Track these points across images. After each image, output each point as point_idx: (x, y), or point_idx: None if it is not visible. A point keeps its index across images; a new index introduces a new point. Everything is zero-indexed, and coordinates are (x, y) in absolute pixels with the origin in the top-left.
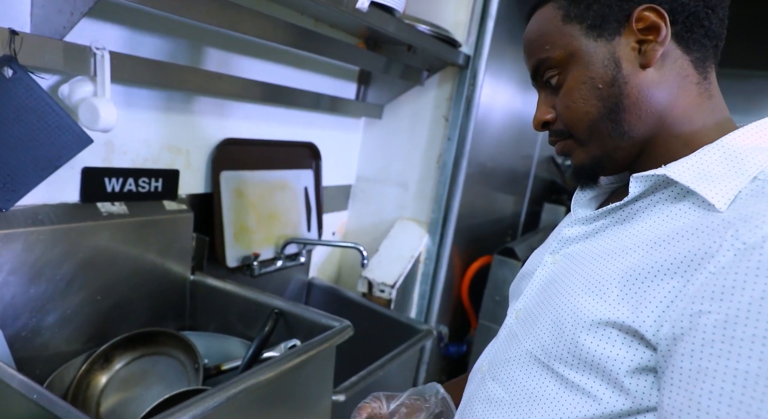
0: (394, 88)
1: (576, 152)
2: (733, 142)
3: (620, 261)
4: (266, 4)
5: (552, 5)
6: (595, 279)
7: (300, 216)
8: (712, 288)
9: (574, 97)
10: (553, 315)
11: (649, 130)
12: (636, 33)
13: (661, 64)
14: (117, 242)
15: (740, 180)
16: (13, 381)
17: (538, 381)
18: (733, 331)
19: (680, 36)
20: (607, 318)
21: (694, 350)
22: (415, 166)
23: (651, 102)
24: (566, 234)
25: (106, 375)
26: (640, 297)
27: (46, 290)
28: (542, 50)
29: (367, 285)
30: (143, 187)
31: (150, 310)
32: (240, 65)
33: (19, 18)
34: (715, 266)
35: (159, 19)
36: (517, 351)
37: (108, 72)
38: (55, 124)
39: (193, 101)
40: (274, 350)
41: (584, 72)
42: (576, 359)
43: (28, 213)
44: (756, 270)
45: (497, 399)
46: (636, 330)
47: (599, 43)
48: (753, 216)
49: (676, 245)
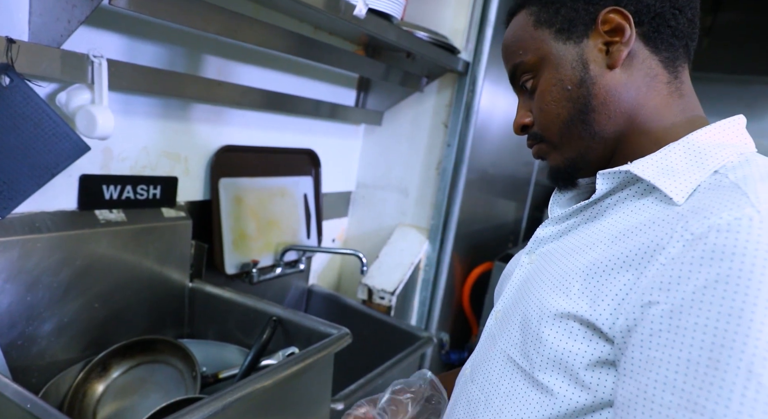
0: (394, 95)
1: (551, 155)
2: (698, 139)
3: (584, 257)
4: (265, 11)
5: (525, 11)
6: (560, 276)
7: (299, 223)
8: (661, 279)
9: (546, 100)
10: (523, 313)
11: (619, 129)
12: (602, 35)
13: (628, 65)
14: (115, 249)
15: (701, 174)
16: (6, 390)
17: (509, 380)
18: (678, 320)
19: (648, 36)
20: (568, 312)
21: (643, 340)
22: (415, 172)
23: (619, 101)
24: (540, 234)
25: (103, 383)
26: (598, 291)
27: (43, 298)
28: (517, 55)
29: (366, 292)
30: (141, 194)
31: (148, 318)
32: (239, 72)
33: (17, 26)
34: (665, 257)
35: (157, 27)
36: (494, 351)
37: (105, 80)
38: (53, 131)
39: (192, 108)
40: (273, 358)
41: (555, 74)
42: (540, 355)
43: (26, 220)
44: (700, 259)
45: (475, 400)
46: (593, 323)
47: (568, 46)
48: (704, 208)
49: (633, 239)
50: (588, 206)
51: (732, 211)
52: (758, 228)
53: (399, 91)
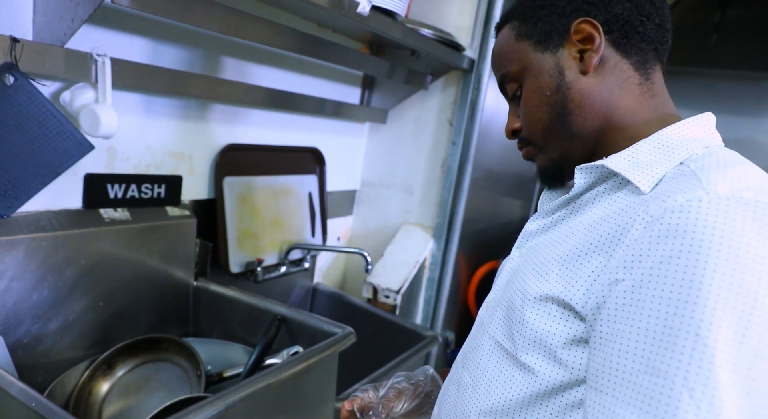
0: (398, 93)
1: (538, 156)
2: (667, 134)
3: (563, 245)
4: (268, 9)
5: (508, 26)
6: (542, 264)
7: (304, 221)
8: (625, 258)
9: (528, 105)
10: (509, 300)
11: (596, 128)
12: (575, 44)
13: (601, 69)
14: (120, 248)
15: (667, 165)
16: (12, 389)
17: (496, 363)
18: (639, 294)
19: (617, 42)
20: (547, 294)
21: (609, 315)
22: (420, 170)
23: (594, 103)
24: (529, 228)
25: (109, 382)
26: (573, 274)
27: (49, 296)
28: (503, 66)
29: (371, 290)
30: (146, 192)
31: (153, 317)
32: (243, 71)
33: (21, 25)
34: (630, 239)
35: (159, 25)
36: (483, 338)
37: (109, 78)
38: (57, 130)
39: (196, 107)
40: (277, 357)
41: (535, 82)
42: (522, 337)
43: (31, 219)
44: (657, 238)
45: (464, 384)
46: (569, 303)
47: (546, 55)
48: (663, 193)
49: (605, 226)
50: (570, 200)
51: (685, 194)
52: (707, 207)
53: (403, 88)
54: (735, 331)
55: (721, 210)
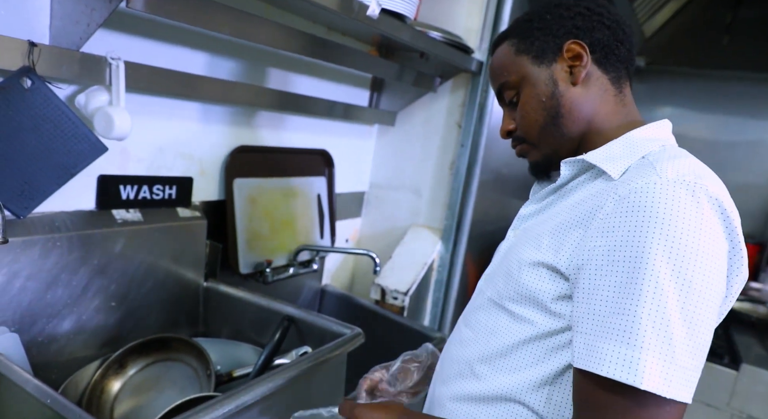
0: (407, 95)
1: (531, 153)
2: (633, 136)
3: (552, 221)
4: (279, 12)
5: (507, 43)
6: (535, 236)
7: (313, 223)
8: (601, 228)
9: (527, 109)
10: (507, 268)
11: (580, 130)
12: (567, 60)
13: (586, 82)
14: (131, 249)
15: (632, 158)
16: (27, 386)
17: (495, 319)
18: (613, 256)
19: (599, 61)
20: (539, 260)
21: (590, 273)
22: (428, 172)
23: (580, 110)
24: (523, 212)
25: (120, 380)
26: (560, 244)
27: (62, 296)
28: (502, 76)
29: (380, 292)
30: (157, 194)
31: (163, 316)
32: (253, 74)
33: (38, 30)
34: (603, 213)
35: (172, 29)
36: (482, 300)
37: (123, 81)
38: (72, 132)
39: (207, 109)
40: (286, 357)
41: (533, 90)
42: (519, 295)
43: (46, 220)
44: (625, 212)
45: (466, 339)
46: (556, 267)
47: (542, 68)
48: (628, 179)
49: (584, 205)
50: (558, 188)
51: (644, 179)
52: (659, 188)
53: (412, 91)
54: (677, 278)
55: (669, 189)
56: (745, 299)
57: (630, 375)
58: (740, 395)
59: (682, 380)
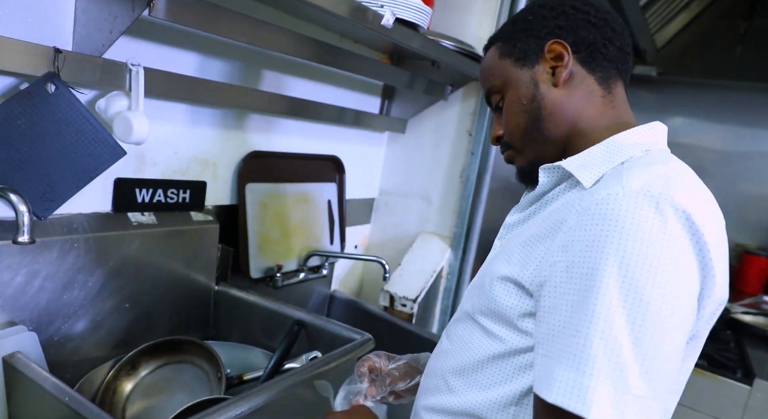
0: (418, 103)
1: (517, 158)
2: (616, 140)
3: (525, 234)
4: (293, 20)
5: (494, 47)
6: (510, 249)
7: (323, 228)
8: (562, 243)
9: (509, 113)
10: (481, 280)
11: (565, 134)
12: (548, 61)
13: (569, 83)
14: (146, 251)
15: (609, 165)
16: (46, 383)
17: (469, 332)
18: (571, 273)
19: (584, 61)
20: (507, 275)
21: (550, 291)
22: (438, 180)
23: (563, 112)
24: (508, 221)
25: (132, 381)
26: (528, 258)
27: (78, 296)
28: (488, 81)
29: (388, 298)
30: (172, 197)
31: (175, 319)
32: (266, 80)
33: (63, 36)
34: (567, 226)
35: (188, 36)
36: (461, 312)
37: (142, 87)
38: (92, 137)
39: (221, 115)
40: (296, 361)
41: (515, 93)
42: (489, 310)
43: (64, 221)
44: (585, 224)
45: (444, 351)
46: (521, 283)
47: (524, 71)
48: (595, 189)
49: (553, 216)
50: (539, 197)
51: (607, 189)
52: (621, 199)
53: (423, 99)
54: (631, 298)
55: (630, 201)
56: (759, 313)
57: (578, 404)
58: (754, 410)
59: (636, 410)
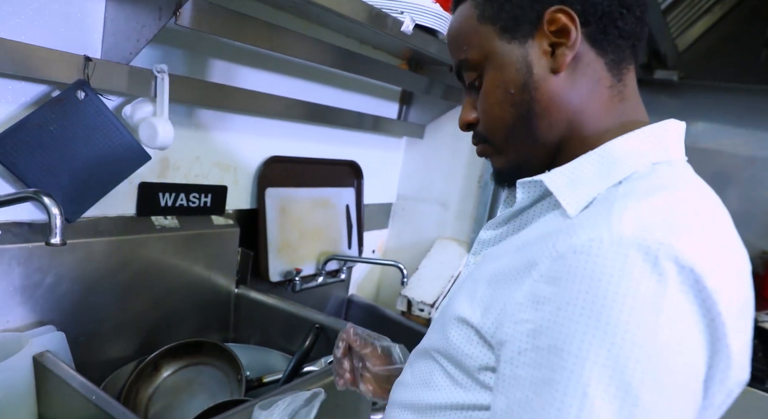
0: (436, 108)
1: (495, 158)
2: (614, 147)
3: (493, 265)
4: (313, 27)
5: (470, 2)
6: (475, 280)
7: (341, 233)
8: (530, 295)
9: (490, 102)
10: (443, 313)
11: (559, 135)
12: (548, 36)
13: (573, 68)
14: (168, 254)
15: (602, 185)
16: (73, 382)
17: (429, 369)
18: (538, 341)
19: (594, 38)
20: (465, 317)
21: (512, 357)
22: (456, 185)
23: (562, 108)
24: (482, 236)
25: (154, 382)
26: (491, 300)
27: (103, 298)
28: (461, 50)
29: (406, 303)
30: (193, 201)
31: (196, 321)
32: (287, 86)
33: (92, 45)
34: (537, 273)
35: (211, 43)
36: (423, 343)
37: (167, 93)
38: (119, 142)
39: (242, 120)
40: (315, 364)
41: (498, 75)
42: (447, 354)
43: (91, 225)
44: (558, 280)
45: (405, 382)
46: (481, 332)
47: (513, 45)
48: (576, 225)
49: (526, 252)
50: (515, 215)
51: (590, 231)
52: (606, 250)
53: (441, 104)
54: (615, 389)
55: (617, 256)
56: None
57: None
58: None
59: None
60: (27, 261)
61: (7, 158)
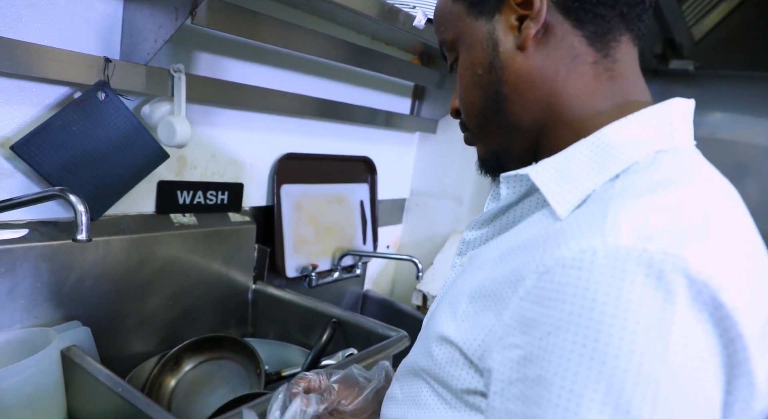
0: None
1: (476, 145)
2: (609, 134)
3: (476, 276)
4: (325, 24)
5: None
6: (457, 293)
7: (356, 229)
8: (519, 319)
9: (461, 86)
10: (428, 326)
11: (537, 119)
12: (514, 9)
13: (544, 44)
14: (187, 251)
15: (596, 180)
16: (100, 375)
17: (417, 387)
18: (529, 370)
19: (567, 7)
20: (448, 336)
21: (503, 389)
22: (470, 180)
23: (533, 89)
24: (466, 237)
25: (176, 376)
26: (476, 318)
27: (126, 294)
28: (439, 32)
29: (421, 298)
30: (211, 199)
31: (215, 317)
32: (300, 83)
33: (111, 46)
34: (523, 290)
35: (225, 42)
36: (410, 357)
37: (184, 92)
38: (139, 141)
39: (257, 118)
40: (332, 358)
41: (468, 56)
42: (432, 373)
43: (112, 222)
44: (547, 300)
45: (394, 397)
46: (467, 354)
47: (480, 22)
48: (566, 230)
49: (512, 261)
50: (501, 213)
51: (581, 241)
52: (601, 265)
53: None
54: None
55: (616, 271)
56: None
57: None
58: None
59: None
60: (53, 259)
61: (34, 159)
